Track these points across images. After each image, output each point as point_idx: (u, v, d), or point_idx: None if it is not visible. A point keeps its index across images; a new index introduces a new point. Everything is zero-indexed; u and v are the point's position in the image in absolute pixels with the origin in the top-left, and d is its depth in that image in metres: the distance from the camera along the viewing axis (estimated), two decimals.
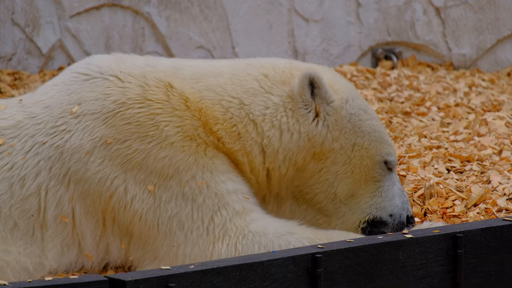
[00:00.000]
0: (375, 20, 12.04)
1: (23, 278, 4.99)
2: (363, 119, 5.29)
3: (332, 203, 5.32)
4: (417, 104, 9.71)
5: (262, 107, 5.21)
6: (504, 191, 6.16)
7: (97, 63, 5.30)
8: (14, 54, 11.10)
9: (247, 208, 5.08)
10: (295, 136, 5.20)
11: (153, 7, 11.44)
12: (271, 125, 5.19)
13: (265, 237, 5.03)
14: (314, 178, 5.28)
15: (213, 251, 5.00)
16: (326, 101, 5.21)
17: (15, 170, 5.07)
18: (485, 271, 4.95)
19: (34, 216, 5.03)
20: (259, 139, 5.19)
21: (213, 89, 5.21)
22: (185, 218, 5.02)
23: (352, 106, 5.27)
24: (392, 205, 5.36)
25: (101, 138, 5.07)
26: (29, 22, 11.12)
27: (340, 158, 5.26)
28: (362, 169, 5.28)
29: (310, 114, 5.22)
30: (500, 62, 12.19)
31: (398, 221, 5.35)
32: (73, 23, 11.27)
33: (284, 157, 5.21)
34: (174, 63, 5.36)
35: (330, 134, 5.23)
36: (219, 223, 5.02)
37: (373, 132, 5.30)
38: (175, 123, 5.10)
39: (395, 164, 5.39)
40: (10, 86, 10.55)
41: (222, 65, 5.38)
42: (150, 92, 5.15)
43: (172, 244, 5.01)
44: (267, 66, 5.33)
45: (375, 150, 5.29)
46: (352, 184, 5.29)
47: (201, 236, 5.01)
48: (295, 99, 5.21)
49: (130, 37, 11.42)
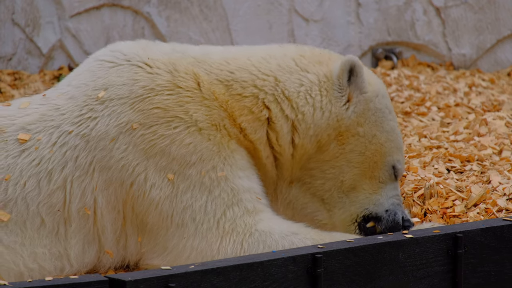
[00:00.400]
0: (375, 20, 12.04)
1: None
2: (387, 117, 5.40)
3: (337, 192, 5.38)
4: (417, 104, 9.71)
5: (297, 84, 5.30)
6: (504, 191, 6.16)
7: (123, 50, 5.28)
8: (14, 54, 11.10)
9: (258, 208, 5.11)
10: (326, 114, 5.29)
11: (153, 7, 11.44)
12: (306, 101, 5.28)
13: (270, 237, 5.05)
14: (330, 162, 5.36)
15: (220, 247, 5.02)
16: (360, 90, 5.33)
17: (42, 165, 5.05)
18: (485, 271, 4.95)
19: (60, 211, 5.02)
20: (293, 115, 5.27)
21: (247, 69, 5.28)
22: (198, 210, 5.03)
23: (380, 102, 5.38)
24: (389, 203, 5.41)
25: (127, 123, 5.06)
26: (29, 22, 11.12)
27: (359, 147, 5.35)
28: (372, 164, 5.36)
29: (343, 98, 5.31)
30: (500, 62, 12.19)
31: (392, 218, 5.38)
32: (73, 23, 11.27)
33: (313, 133, 5.29)
34: (203, 48, 5.39)
35: (356, 120, 5.32)
36: (230, 218, 5.05)
37: (392, 133, 5.40)
38: (204, 112, 5.12)
39: (401, 174, 5.46)
40: (10, 86, 10.55)
41: (254, 47, 5.46)
42: (180, 79, 5.16)
43: (183, 236, 5.02)
44: (304, 48, 5.45)
45: (388, 150, 5.38)
46: (358, 176, 5.37)
47: (210, 229, 5.03)
48: (332, 80, 5.32)
49: (130, 37, 11.42)
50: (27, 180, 5.03)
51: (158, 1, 11.44)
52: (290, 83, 5.28)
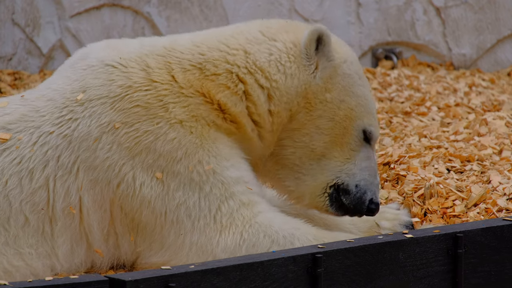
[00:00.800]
0: (375, 20, 12.04)
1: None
2: (356, 83, 5.41)
3: (307, 159, 5.38)
4: (417, 104, 9.71)
5: (267, 54, 5.34)
6: (504, 191, 6.16)
7: (93, 53, 5.31)
8: (14, 54, 11.11)
9: (253, 200, 5.12)
10: (295, 81, 5.34)
11: (153, 7, 11.44)
12: (277, 69, 5.32)
13: (270, 228, 5.06)
14: (300, 131, 5.38)
15: (220, 240, 5.02)
16: (327, 58, 5.35)
17: (23, 164, 5.07)
18: (485, 271, 4.95)
19: (44, 210, 5.03)
20: (267, 84, 5.30)
21: (217, 47, 5.33)
22: (192, 206, 5.04)
23: (349, 67, 5.40)
24: (361, 176, 5.39)
25: (109, 123, 5.07)
26: (29, 22, 11.12)
27: (327, 112, 5.35)
28: (342, 130, 5.35)
29: (311, 66, 5.35)
30: (500, 62, 12.19)
31: (360, 195, 5.35)
32: (73, 23, 11.27)
33: (286, 100, 5.32)
34: (170, 37, 5.45)
35: (323, 86, 5.34)
36: (226, 212, 5.05)
37: (362, 97, 5.40)
38: (183, 103, 5.15)
39: (375, 138, 5.44)
40: (10, 86, 10.56)
41: (222, 28, 5.53)
42: (154, 74, 5.19)
43: (180, 232, 5.03)
44: (270, 21, 5.51)
45: (358, 114, 5.37)
46: (329, 143, 5.36)
47: (208, 224, 5.03)
48: (300, 48, 5.35)
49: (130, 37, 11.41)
50: (8, 178, 5.04)
51: (158, 1, 11.44)
52: (260, 53, 5.33)
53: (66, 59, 5.47)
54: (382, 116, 9.07)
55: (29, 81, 10.76)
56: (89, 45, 5.46)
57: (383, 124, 8.79)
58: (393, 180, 6.58)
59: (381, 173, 6.61)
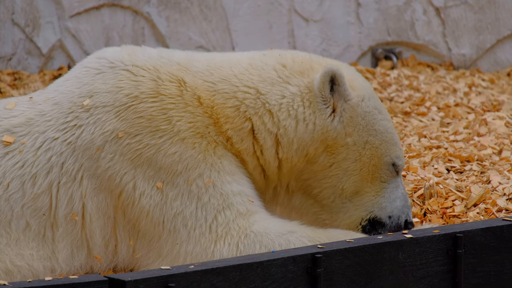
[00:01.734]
0: (375, 20, 12.04)
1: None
2: (377, 118, 5.32)
3: (339, 198, 5.33)
4: (417, 104, 9.71)
5: (279, 96, 5.21)
6: (504, 191, 6.16)
7: (108, 57, 5.27)
8: (14, 54, 11.10)
9: (251, 210, 5.08)
10: (310, 126, 5.21)
11: (153, 7, 11.44)
12: (288, 114, 5.20)
13: (266, 237, 5.03)
14: (324, 172, 5.29)
15: (215, 250, 5.00)
16: (344, 98, 5.22)
17: (26, 168, 5.06)
18: (485, 271, 4.95)
19: (45, 215, 5.02)
20: (274, 129, 5.19)
21: (229, 80, 5.21)
22: (189, 216, 5.02)
23: (367, 104, 5.29)
24: (392, 207, 5.36)
25: (112, 132, 5.06)
26: (29, 22, 11.12)
27: (352, 155, 5.27)
28: (371, 168, 5.29)
29: (327, 110, 5.22)
30: (500, 62, 12.19)
31: (396, 223, 5.35)
32: (73, 23, 11.27)
33: (297, 147, 5.21)
34: (188, 55, 5.34)
35: (344, 130, 5.24)
36: (222, 222, 5.02)
37: (385, 133, 5.33)
38: (187, 119, 5.10)
39: (402, 167, 5.41)
40: (10, 86, 10.55)
41: (238, 56, 5.38)
42: (163, 86, 5.14)
43: (176, 242, 5.01)
44: (286, 56, 5.33)
45: (385, 151, 5.31)
46: (359, 182, 5.30)
47: (203, 234, 5.01)
48: (314, 92, 5.22)
49: (130, 37, 11.42)
50: (10, 182, 5.03)
51: (158, 1, 11.44)
52: (272, 95, 5.20)
53: (66, 60, 5.46)
54: None
55: (28, 81, 10.76)
56: (105, 49, 5.41)
57: None
58: None
59: None
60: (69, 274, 5.07)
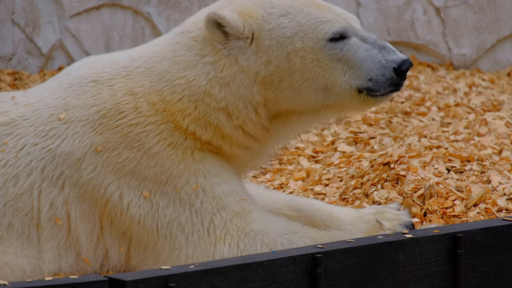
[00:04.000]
0: (375, 20, 12.03)
1: (21, 279, 4.98)
2: (285, 25, 5.01)
3: (318, 100, 5.09)
4: (417, 104, 9.71)
5: (205, 74, 5.05)
6: (504, 191, 6.16)
7: (74, 72, 5.24)
8: (14, 54, 11.11)
9: (246, 209, 5.06)
10: (238, 80, 5.02)
11: (153, 7, 11.44)
12: (219, 86, 5.04)
13: (267, 235, 5.02)
14: (287, 97, 5.08)
15: (215, 251, 4.99)
16: (237, 36, 5.01)
17: (8, 168, 5.06)
18: (485, 271, 4.95)
19: (28, 216, 5.02)
20: (218, 105, 5.06)
21: (164, 77, 5.11)
22: (185, 222, 5.00)
23: (268, 21, 5.03)
24: (366, 70, 5.06)
25: (91, 146, 5.04)
26: (29, 22, 11.12)
27: (287, 71, 5.03)
28: (313, 65, 5.05)
29: (233, 56, 5.04)
30: (500, 62, 12.19)
31: (383, 80, 5.04)
32: (73, 23, 11.27)
33: (244, 105, 5.07)
34: (127, 55, 5.23)
35: (259, 61, 5.04)
36: (220, 224, 5.01)
37: (300, 28, 5.01)
38: (153, 133, 5.04)
39: (346, 29, 5.05)
40: (10, 86, 10.56)
41: (163, 45, 5.20)
42: (122, 102, 5.08)
43: (174, 247, 5.00)
44: (191, 28, 5.14)
45: (311, 41, 5.00)
46: (320, 79, 5.05)
47: (202, 237, 5.00)
48: (216, 49, 5.03)
49: (130, 37, 11.42)
50: None
51: (158, 1, 11.44)
52: (199, 77, 5.05)
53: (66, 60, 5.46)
54: (382, 116, 9.07)
55: (29, 81, 10.76)
56: (74, 63, 5.37)
57: (383, 124, 8.79)
58: (393, 180, 6.58)
59: (381, 173, 6.61)
60: (58, 274, 5.07)
